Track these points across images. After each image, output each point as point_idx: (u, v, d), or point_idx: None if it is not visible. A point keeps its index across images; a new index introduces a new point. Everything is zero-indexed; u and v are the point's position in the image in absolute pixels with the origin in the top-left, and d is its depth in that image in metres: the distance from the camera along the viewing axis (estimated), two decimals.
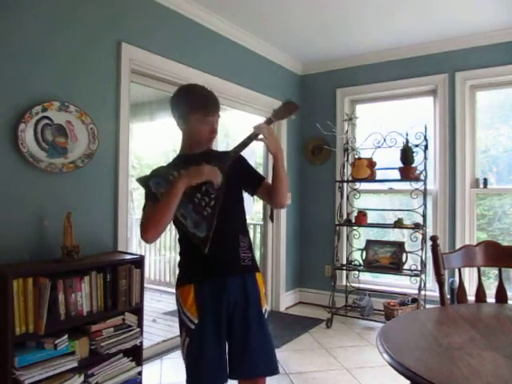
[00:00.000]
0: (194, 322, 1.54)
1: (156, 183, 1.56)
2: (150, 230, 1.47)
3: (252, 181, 1.70)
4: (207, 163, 1.53)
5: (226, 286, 1.56)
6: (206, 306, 1.55)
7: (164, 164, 1.73)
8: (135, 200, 4.87)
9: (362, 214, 3.81)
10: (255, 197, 1.76)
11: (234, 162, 1.58)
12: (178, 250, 1.70)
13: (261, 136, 1.54)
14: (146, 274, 5.06)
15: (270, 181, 1.68)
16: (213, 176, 1.50)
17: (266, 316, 1.65)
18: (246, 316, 1.58)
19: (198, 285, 1.57)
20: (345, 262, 4.14)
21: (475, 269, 2.03)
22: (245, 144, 1.58)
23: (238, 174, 1.61)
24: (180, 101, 1.62)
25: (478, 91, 3.78)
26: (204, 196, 1.55)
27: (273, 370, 1.58)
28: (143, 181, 1.60)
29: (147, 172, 1.67)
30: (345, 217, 4.03)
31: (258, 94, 3.89)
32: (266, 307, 1.67)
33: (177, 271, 1.69)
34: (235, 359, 1.57)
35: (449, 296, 3.22)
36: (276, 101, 4.16)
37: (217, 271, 1.57)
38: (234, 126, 4.78)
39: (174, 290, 1.69)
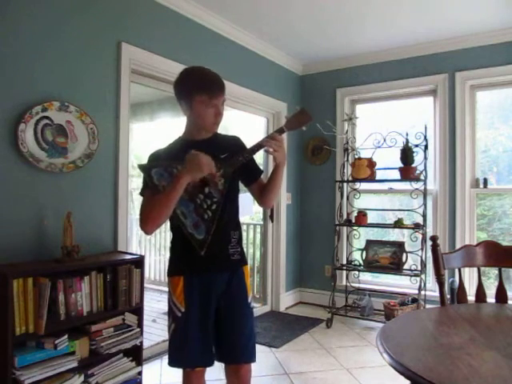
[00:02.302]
0: (180, 311, 1.61)
1: (159, 174, 1.55)
2: (150, 222, 1.51)
3: (250, 174, 1.70)
4: (212, 156, 1.50)
5: (214, 281, 1.61)
6: (194, 297, 1.60)
7: (165, 146, 1.68)
8: (135, 200, 4.86)
9: (361, 214, 3.81)
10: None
11: (236, 151, 1.57)
12: None
13: (271, 149, 1.53)
14: (146, 274, 5.06)
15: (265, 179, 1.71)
16: (211, 165, 1.48)
17: (251, 306, 1.71)
18: (233, 308, 1.64)
19: (187, 278, 1.62)
20: (345, 262, 4.14)
21: (475, 269, 2.03)
22: (253, 151, 1.57)
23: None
24: (183, 83, 1.59)
25: (478, 91, 3.78)
26: (206, 198, 1.56)
27: (253, 358, 1.68)
28: (145, 169, 1.58)
29: None
30: (345, 217, 4.03)
31: (258, 94, 3.89)
32: (252, 299, 1.73)
33: None
34: (223, 346, 1.64)
35: (449, 296, 3.23)
36: (276, 101, 4.17)
37: (206, 267, 1.60)
38: (233, 126, 4.78)
39: None
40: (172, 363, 1.65)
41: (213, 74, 1.60)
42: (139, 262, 2.36)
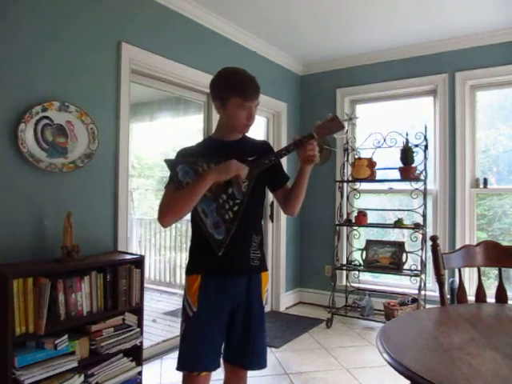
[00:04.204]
0: (192, 310, 1.59)
1: (184, 171, 1.55)
2: (168, 215, 1.52)
3: (276, 180, 1.71)
4: (239, 158, 1.51)
5: (231, 284, 1.59)
6: (208, 298, 1.58)
7: (193, 144, 1.70)
8: (135, 200, 4.86)
9: (362, 214, 3.81)
10: None
11: (263, 155, 1.56)
12: (177, 250, 1.71)
13: (310, 153, 1.54)
14: (146, 274, 5.05)
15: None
16: (240, 171, 1.48)
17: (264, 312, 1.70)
18: (248, 314, 1.61)
19: (204, 277, 1.60)
20: (345, 262, 4.14)
21: (475, 269, 2.03)
22: (280, 155, 1.56)
23: (265, 169, 1.59)
24: (219, 84, 1.61)
25: (478, 91, 3.78)
26: (229, 199, 1.55)
27: (264, 365, 1.67)
28: (171, 164, 1.58)
29: (147, 172, 1.66)
30: (345, 217, 4.03)
31: None
32: (265, 305, 1.72)
33: (177, 271, 1.70)
34: (236, 351, 1.63)
35: (449, 296, 3.23)
36: (276, 101, 4.16)
37: (225, 269, 1.59)
38: None
39: (173, 290, 1.71)
40: (180, 367, 1.59)
41: (249, 76, 1.63)
42: (139, 262, 2.36)
